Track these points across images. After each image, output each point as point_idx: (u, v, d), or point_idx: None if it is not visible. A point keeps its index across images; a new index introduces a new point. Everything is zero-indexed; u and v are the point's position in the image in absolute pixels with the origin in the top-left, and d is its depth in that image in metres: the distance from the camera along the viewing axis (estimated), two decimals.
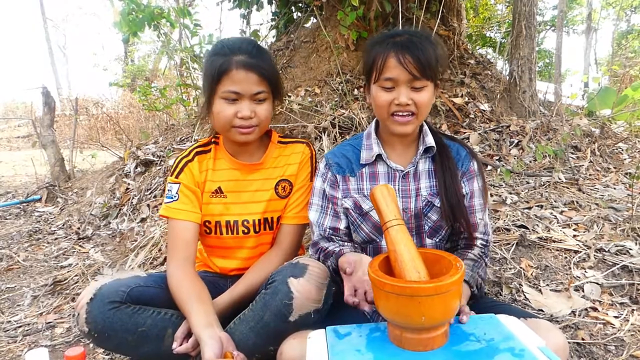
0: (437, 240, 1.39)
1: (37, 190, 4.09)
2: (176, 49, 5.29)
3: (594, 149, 3.40)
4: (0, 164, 7.61)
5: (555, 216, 2.46)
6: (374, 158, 1.39)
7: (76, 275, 2.25)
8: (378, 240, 1.39)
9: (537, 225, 2.40)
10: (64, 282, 2.20)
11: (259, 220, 1.52)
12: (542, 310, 1.77)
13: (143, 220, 2.87)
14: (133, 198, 3.08)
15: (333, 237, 1.42)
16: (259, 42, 1.49)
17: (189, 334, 1.31)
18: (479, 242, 1.40)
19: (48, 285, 2.17)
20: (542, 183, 2.87)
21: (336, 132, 3.24)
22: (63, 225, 3.22)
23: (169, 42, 5.17)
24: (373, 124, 1.46)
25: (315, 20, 4.34)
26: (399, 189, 1.37)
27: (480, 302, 1.35)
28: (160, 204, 3.09)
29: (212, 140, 1.55)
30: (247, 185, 1.52)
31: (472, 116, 3.65)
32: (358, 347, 1.00)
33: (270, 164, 1.54)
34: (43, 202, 3.89)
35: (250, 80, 1.35)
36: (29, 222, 3.44)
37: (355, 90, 3.67)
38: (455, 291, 0.97)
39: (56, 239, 2.97)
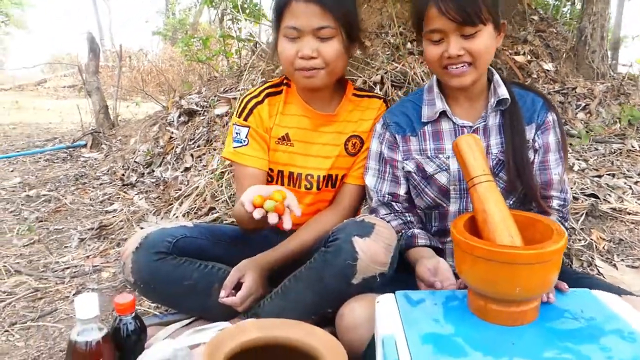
0: (511, 202, 1.25)
1: (82, 137, 4.11)
2: None
3: None
4: (48, 112, 7.84)
5: (630, 186, 2.25)
6: (437, 115, 1.25)
7: (121, 221, 2.23)
8: (445, 205, 1.26)
9: (609, 195, 2.19)
10: (110, 227, 2.18)
11: (324, 177, 1.40)
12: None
13: (187, 169, 2.81)
14: (177, 147, 3.02)
15: (392, 203, 1.30)
16: None
17: (238, 285, 1.23)
18: (554, 203, 1.25)
19: (94, 229, 2.16)
20: (613, 150, 2.63)
21: (387, 87, 3.05)
22: (107, 171, 3.21)
23: None
24: (434, 76, 1.30)
25: None
26: None
27: (561, 274, 1.21)
28: (204, 154, 3.03)
29: (284, 81, 1.41)
30: (316, 137, 1.39)
31: (535, 76, 3.38)
32: (435, 316, 0.89)
33: (343, 117, 1.39)
34: (88, 148, 3.91)
35: (310, 13, 1.18)
36: (75, 166, 3.47)
37: (409, 43, 3.44)
38: (556, 260, 0.84)
39: (101, 184, 2.97)
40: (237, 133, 1.37)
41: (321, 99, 1.37)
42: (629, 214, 2.03)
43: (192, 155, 2.93)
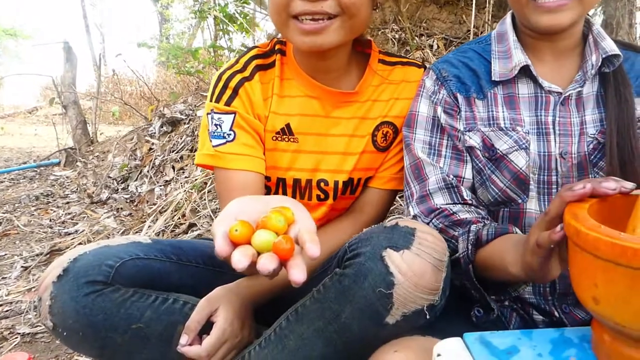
0: None
1: (53, 153, 3.72)
2: (210, 8, 4.91)
3: None
4: (35, 137, 7.54)
5: None
6: (515, 72, 0.86)
7: (80, 243, 1.82)
8: (520, 200, 0.86)
9: None
10: (64, 250, 1.77)
11: (344, 182, 0.99)
12: None
13: (167, 183, 2.42)
14: (156, 159, 2.63)
15: (459, 187, 0.88)
16: None
17: (206, 327, 0.83)
18: None
19: (43, 255, 1.74)
20: None
21: None
22: (77, 189, 2.81)
23: (203, 4, 4.83)
24: (507, 19, 0.92)
25: None
26: (553, 122, 0.86)
27: None
28: (187, 165, 2.64)
29: (275, 47, 0.99)
30: (331, 126, 0.98)
31: None
32: None
33: (367, 95, 0.99)
34: (61, 166, 3.52)
35: None
36: (43, 186, 3.07)
37: (417, 38, 3.11)
38: None
39: (67, 203, 2.56)
40: (216, 125, 0.93)
41: (333, 69, 0.96)
42: None
43: (173, 167, 2.54)
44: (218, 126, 0.94)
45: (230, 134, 0.93)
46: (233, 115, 0.93)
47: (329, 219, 1.03)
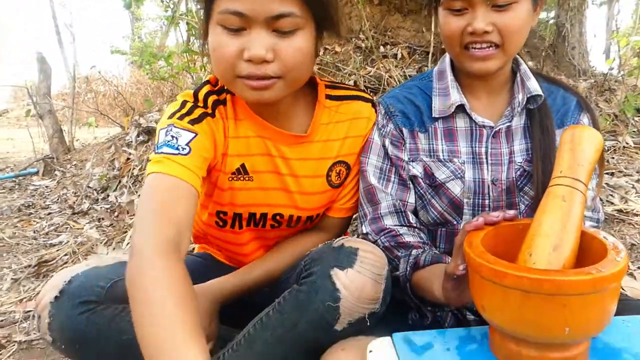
0: None
1: (32, 163, 3.77)
2: (181, 15, 4.94)
3: None
4: (7, 141, 7.40)
5: (632, 185, 2.07)
6: (452, 109, 0.99)
7: (66, 255, 1.93)
8: (455, 222, 1.01)
9: (612, 195, 2.01)
10: (52, 262, 1.88)
11: (298, 217, 1.09)
12: None
13: None
14: (134, 168, 2.73)
15: (406, 211, 1.02)
16: None
17: None
18: (587, 224, 1.00)
19: (32, 266, 1.85)
20: (607, 148, 2.46)
21: None
22: (57, 199, 2.89)
23: (174, 10, 4.84)
24: (447, 58, 1.04)
25: None
26: (486, 152, 0.99)
27: None
28: None
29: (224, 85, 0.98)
30: (284, 166, 1.03)
31: None
32: None
33: (319, 136, 1.03)
34: (40, 175, 3.57)
35: None
36: (23, 196, 3.13)
37: (382, 47, 3.26)
38: (616, 288, 0.62)
39: (49, 213, 2.65)
40: (173, 137, 0.88)
41: (281, 111, 0.99)
42: (637, 215, 1.84)
43: None
44: (174, 138, 0.88)
45: (186, 149, 0.88)
46: (194, 134, 0.90)
47: (286, 237, 1.15)
